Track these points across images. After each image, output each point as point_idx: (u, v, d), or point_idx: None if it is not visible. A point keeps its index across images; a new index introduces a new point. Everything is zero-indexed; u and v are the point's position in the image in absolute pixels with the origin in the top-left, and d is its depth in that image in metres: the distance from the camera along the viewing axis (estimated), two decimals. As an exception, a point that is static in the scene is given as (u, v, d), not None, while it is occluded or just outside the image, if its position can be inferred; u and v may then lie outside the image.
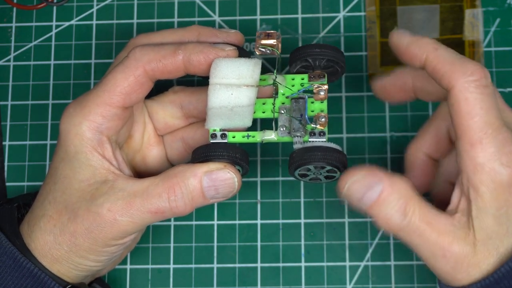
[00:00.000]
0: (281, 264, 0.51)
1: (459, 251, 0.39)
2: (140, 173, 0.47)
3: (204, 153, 0.42)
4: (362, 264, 0.51)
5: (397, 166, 0.51)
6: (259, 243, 0.51)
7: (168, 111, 0.47)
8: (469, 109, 0.39)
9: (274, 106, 0.43)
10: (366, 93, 0.52)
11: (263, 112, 0.43)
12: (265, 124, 0.45)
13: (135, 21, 0.55)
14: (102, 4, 0.55)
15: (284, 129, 0.42)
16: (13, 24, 0.56)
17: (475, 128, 0.39)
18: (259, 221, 0.52)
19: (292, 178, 0.52)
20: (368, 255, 0.51)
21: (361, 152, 0.52)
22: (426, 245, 0.40)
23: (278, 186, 0.52)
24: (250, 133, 0.43)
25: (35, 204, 0.44)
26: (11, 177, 0.53)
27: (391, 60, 0.53)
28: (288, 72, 0.46)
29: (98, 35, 0.55)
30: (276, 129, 0.43)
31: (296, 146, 0.42)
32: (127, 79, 0.42)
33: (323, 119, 0.41)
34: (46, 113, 0.54)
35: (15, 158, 0.53)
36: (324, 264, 0.51)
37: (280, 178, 0.52)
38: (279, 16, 0.54)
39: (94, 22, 0.55)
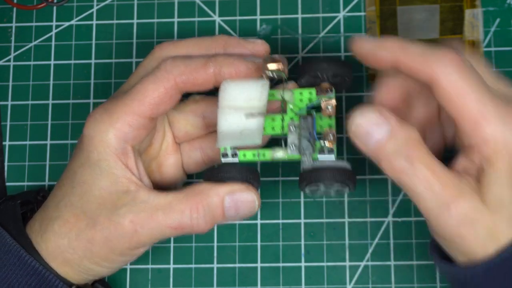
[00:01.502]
0: (281, 264, 0.51)
1: (465, 206, 0.37)
2: (153, 180, 0.47)
3: (218, 175, 0.42)
4: (362, 264, 0.51)
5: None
6: (259, 243, 0.51)
7: (190, 121, 0.47)
8: (460, 91, 0.38)
9: (283, 122, 0.43)
10: (366, 93, 0.52)
11: (273, 129, 0.44)
12: (275, 140, 0.45)
13: (135, 21, 0.55)
14: (102, 4, 0.55)
15: (294, 147, 0.43)
16: (13, 24, 0.56)
17: (474, 106, 0.38)
18: (259, 221, 0.52)
19: (292, 178, 0.52)
20: (368, 255, 0.51)
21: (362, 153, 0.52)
22: (429, 194, 0.38)
23: (278, 186, 0.52)
24: (260, 151, 0.43)
25: (49, 204, 0.44)
26: (11, 177, 0.53)
27: (391, 60, 0.53)
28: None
29: (98, 35, 0.55)
30: (286, 147, 0.43)
31: (305, 165, 0.42)
32: (158, 90, 0.42)
33: (331, 137, 0.42)
34: (46, 113, 0.54)
35: (15, 158, 0.53)
36: (324, 264, 0.51)
37: (280, 178, 0.52)
38: (279, 16, 0.54)
39: (94, 22, 0.55)
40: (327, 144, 0.42)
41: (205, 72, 0.42)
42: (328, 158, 0.42)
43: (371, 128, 0.39)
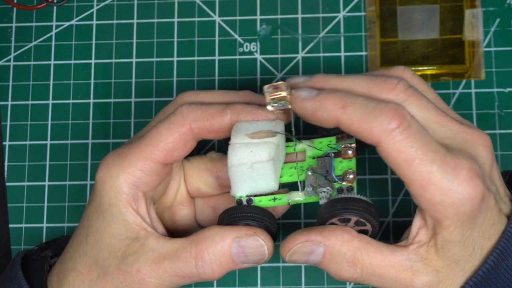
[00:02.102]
0: (281, 264, 0.51)
1: (422, 284, 0.39)
2: (166, 229, 0.46)
3: (232, 215, 0.41)
4: (362, 264, 0.51)
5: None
6: (259, 243, 0.51)
7: (203, 179, 0.46)
8: (405, 157, 0.37)
9: (297, 164, 0.42)
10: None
11: (290, 176, 0.42)
12: (294, 187, 0.43)
13: (135, 21, 0.55)
14: (102, 4, 0.55)
15: (311, 189, 0.41)
16: (13, 24, 0.56)
17: (420, 171, 0.37)
18: (259, 221, 0.52)
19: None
20: (368, 255, 0.51)
21: (361, 153, 0.52)
22: (388, 284, 0.40)
23: (278, 186, 0.52)
24: (277, 196, 0.42)
25: (65, 255, 0.43)
26: (11, 177, 0.53)
27: (391, 60, 0.53)
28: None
29: (98, 35, 0.55)
30: (303, 190, 0.42)
31: (322, 202, 0.41)
32: (172, 135, 0.41)
33: (351, 176, 0.40)
34: (46, 113, 0.54)
35: (15, 158, 0.53)
36: (324, 264, 0.51)
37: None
38: (279, 16, 0.54)
39: (94, 22, 0.55)
40: (345, 183, 0.40)
41: (221, 119, 0.41)
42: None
43: (304, 258, 0.40)
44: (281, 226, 0.51)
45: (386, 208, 0.51)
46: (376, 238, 0.41)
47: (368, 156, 0.52)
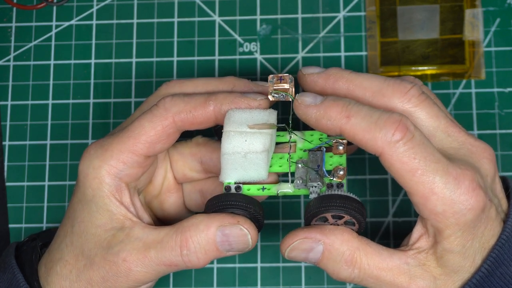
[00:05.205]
0: (281, 264, 0.51)
1: None
2: (157, 217, 0.46)
3: (218, 203, 0.41)
4: (362, 264, 0.51)
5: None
6: (259, 243, 0.51)
7: (188, 164, 0.46)
8: (408, 168, 0.37)
9: (290, 156, 0.42)
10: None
11: (280, 166, 0.42)
12: (284, 178, 0.43)
13: (135, 21, 0.55)
14: (102, 4, 0.55)
15: (301, 181, 0.41)
16: (13, 24, 0.56)
17: (422, 182, 0.38)
18: (259, 221, 0.52)
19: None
20: (368, 255, 0.51)
21: (361, 153, 0.52)
22: (384, 287, 0.40)
23: (278, 186, 0.52)
24: (266, 185, 0.42)
25: (52, 246, 0.43)
26: (11, 177, 0.53)
27: (391, 60, 0.53)
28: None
29: (98, 35, 0.55)
30: (293, 182, 0.42)
31: (312, 196, 0.41)
32: (155, 128, 0.41)
33: (341, 172, 0.40)
34: (46, 113, 0.54)
35: (15, 158, 0.53)
36: (324, 264, 0.51)
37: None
38: (279, 16, 0.54)
39: (94, 22, 0.55)
40: (336, 179, 0.40)
41: (204, 110, 0.41)
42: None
43: (303, 255, 0.40)
44: (280, 226, 0.52)
45: (386, 208, 0.51)
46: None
47: (368, 156, 0.52)
